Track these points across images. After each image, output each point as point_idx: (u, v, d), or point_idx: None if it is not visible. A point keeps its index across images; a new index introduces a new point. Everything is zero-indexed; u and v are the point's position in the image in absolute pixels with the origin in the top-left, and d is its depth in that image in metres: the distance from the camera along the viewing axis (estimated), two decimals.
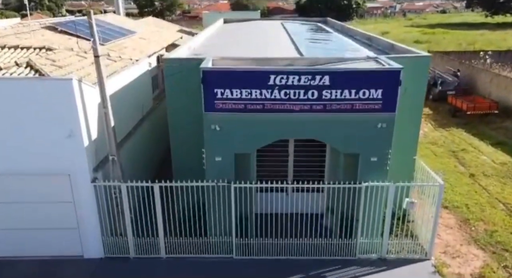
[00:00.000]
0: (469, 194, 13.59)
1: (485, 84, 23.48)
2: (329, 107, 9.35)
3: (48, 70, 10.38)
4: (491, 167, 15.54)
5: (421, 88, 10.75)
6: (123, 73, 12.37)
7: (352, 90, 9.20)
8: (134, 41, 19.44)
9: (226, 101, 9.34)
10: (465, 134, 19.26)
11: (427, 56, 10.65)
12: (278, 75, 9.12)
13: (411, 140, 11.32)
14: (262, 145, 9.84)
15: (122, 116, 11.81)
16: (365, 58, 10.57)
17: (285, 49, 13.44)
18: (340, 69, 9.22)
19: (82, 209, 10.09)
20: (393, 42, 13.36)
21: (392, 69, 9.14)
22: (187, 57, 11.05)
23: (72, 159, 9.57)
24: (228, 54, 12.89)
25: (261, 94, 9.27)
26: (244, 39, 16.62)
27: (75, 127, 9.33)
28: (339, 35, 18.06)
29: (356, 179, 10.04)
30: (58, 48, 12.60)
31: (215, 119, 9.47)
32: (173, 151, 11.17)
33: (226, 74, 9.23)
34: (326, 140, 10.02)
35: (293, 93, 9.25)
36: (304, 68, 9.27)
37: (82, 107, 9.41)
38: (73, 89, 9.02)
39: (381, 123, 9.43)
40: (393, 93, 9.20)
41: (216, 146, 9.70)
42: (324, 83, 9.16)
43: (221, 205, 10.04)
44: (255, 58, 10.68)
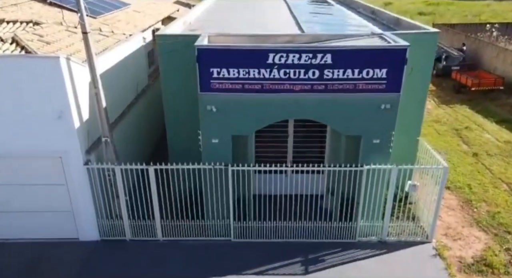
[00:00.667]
0: (472, 174, 13.32)
1: (491, 59, 22.84)
2: (330, 87, 8.90)
3: (35, 47, 9.85)
4: (495, 146, 15.21)
5: (427, 66, 10.28)
6: (115, 49, 11.82)
7: (355, 69, 8.73)
8: (128, 14, 18.70)
9: (222, 81, 8.89)
10: (469, 111, 18.84)
11: (435, 32, 10.11)
12: (277, 53, 8.63)
13: (415, 120, 10.94)
14: (261, 127, 9.46)
15: (115, 95, 11.38)
16: (369, 34, 10.03)
17: (286, 25, 12.83)
18: (343, 47, 8.72)
19: (76, 192, 9.82)
20: (398, 16, 12.74)
21: (398, 46, 8.64)
22: (182, 34, 10.50)
23: (63, 141, 9.22)
24: (226, 29, 12.37)
25: (260, 73, 8.81)
26: (243, 13, 15.91)
27: (64, 108, 8.92)
28: (342, 8, 17.32)
29: (357, 161, 9.73)
30: (46, 23, 12.01)
31: (211, 100, 9.04)
32: (169, 132, 10.81)
33: (223, 53, 8.73)
34: (327, 121, 9.62)
35: (293, 73, 8.79)
36: (305, 46, 8.77)
37: (72, 87, 8.97)
38: (61, 67, 8.55)
39: (385, 104, 9.01)
40: (399, 73, 8.74)
41: (213, 127, 9.32)
42: (326, 62, 8.67)
43: (218, 188, 9.76)
44: (254, 34, 10.14)
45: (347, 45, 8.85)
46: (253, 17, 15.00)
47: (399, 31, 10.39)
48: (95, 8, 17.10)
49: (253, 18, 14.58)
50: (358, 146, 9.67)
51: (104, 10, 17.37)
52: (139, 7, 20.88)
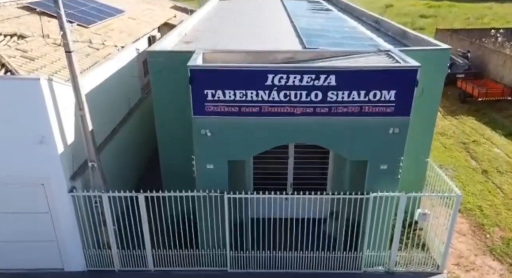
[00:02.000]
0: (482, 194, 12.63)
1: (497, 67, 22.14)
2: (334, 110, 8.21)
3: (16, 64, 9.15)
4: (505, 162, 14.52)
5: (438, 85, 9.60)
6: (105, 64, 11.12)
7: (361, 91, 8.04)
8: (122, 22, 18.01)
9: (217, 104, 8.19)
10: (476, 123, 18.15)
11: (447, 49, 9.43)
12: (277, 74, 7.94)
13: (424, 140, 10.26)
14: (259, 152, 8.76)
15: (105, 113, 10.72)
16: (376, 51, 9.34)
17: (285, 36, 12.15)
18: (348, 68, 8.03)
19: (60, 220, 9.14)
20: (405, 28, 12.05)
21: (408, 67, 7.94)
22: (174, 50, 9.80)
23: (45, 167, 8.53)
24: (223, 42, 11.71)
25: (258, 95, 8.11)
26: (240, 22, 15.21)
27: (46, 133, 8.23)
28: (344, 16, 16.65)
29: (363, 185, 9.04)
30: (31, 36, 11.31)
31: (206, 124, 8.35)
32: (161, 152, 10.13)
33: (218, 73, 8.03)
34: (330, 146, 8.93)
35: (294, 95, 8.10)
36: (307, 66, 8.08)
37: (54, 110, 8.28)
38: (42, 89, 7.86)
39: (393, 128, 8.32)
40: (408, 95, 8.05)
41: (207, 152, 8.63)
42: (329, 83, 7.98)
43: (213, 216, 9.07)
44: (252, 51, 9.45)
45: (353, 65, 8.15)
46: (251, 27, 14.31)
47: (407, 48, 9.70)
48: (88, 16, 16.43)
49: (252, 28, 13.88)
50: (364, 170, 8.98)
51: (97, 18, 16.68)
52: (134, 14, 20.19)
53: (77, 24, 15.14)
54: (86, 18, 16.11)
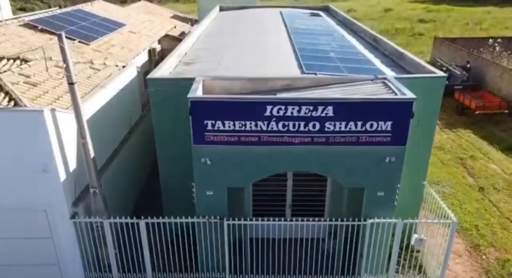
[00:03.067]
0: (479, 213, 12.78)
1: (494, 78, 22.30)
2: (332, 139, 8.37)
3: (20, 91, 9.29)
4: (501, 178, 14.68)
5: (434, 111, 9.74)
6: (107, 87, 11.26)
7: (358, 122, 8.20)
8: (123, 36, 18.19)
9: (217, 134, 8.35)
10: (473, 136, 18.30)
11: (442, 77, 9.57)
12: (275, 106, 8.10)
13: (421, 164, 10.38)
14: (258, 179, 8.92)
15: (106, 136, 10.87)
16: (373, 78, 9.50)
17: (285, 57, 12.29)
18: (345, 100, 8.18)
19: (62, 245, 9.30)
20: (402, 50, 12.22)
21: (404, 100, 8.10)
22: (174, 78, 9.94)
23: (48, 195, 8.71)
24: (223, 62, 11.86)
25: (257, 125, 8.27)
26: (239, 39, 15.33)
27: (49, 161, 8.40)
28: (343, 33, 16.82)
29: (360, 209, 9.21)
30: (34, 59, 11.44)
31: (206, 153, 8.51)
32: (162, 178, 10.28)
33: (217, 105, 8.19)
34: (328, 173, 9.10)
35: (292, 125, 8.26)
36: (305, 98, 8.24)
37: (57, 139, 8.45)
38: (45, 121, 8.03)
39: (390, 157, 8.48)
40: (404, 126, 8.21)
41: (207, 180, 8.79)
42: (327, 114, 8.14)
43: (213, 241, 9.23)
44: (251, 78, 9.60)
45: (350, 97, 8.30)
46: (250, 44, 14.41)
47: (404, 75, 9.85)
48: (89, 32, 16.59)
49: (251, 45, 13.97)
50: (361, 195, 9.15)
51: (98, 34, 16.83)
52: (134, 27, 20.35)
53: (78, 41, 15.40)
54: (87, 34, 16.27)
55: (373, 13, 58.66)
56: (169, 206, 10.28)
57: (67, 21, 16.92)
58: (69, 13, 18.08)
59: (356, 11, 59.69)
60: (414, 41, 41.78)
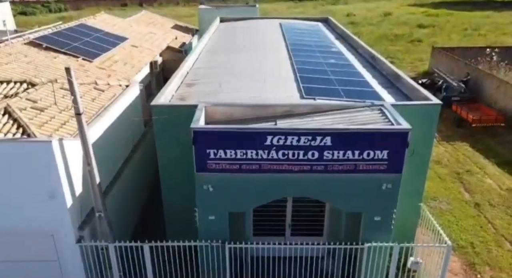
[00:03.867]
0: (475, 230, 13.07)
1: (491, 90, 22.59)
2: (330, 167, 8.67)
3: (27, 118, 9.59)
4: (497, 194, 14.96)
5: (429, 137, 10.03)
6: (111, 109, 11.53)
7: (355, 151, 8.51)
8: (125, 51, 18.49)
9: (219, 162, 8.65)
10: (470, 150, 18.58)
11: (437, 104, 9.86)
12: (275, 136, 8.40)
13: (417, 185, 10.66)
14: (258, 204, 9.22)
15: (110, 158, 11.15)
16: (370, 105, 9.79)
17: (284, 79, 12.55)
18: (343, 130, 8.48)
19: (68, 268, 9.59)
20: (399, 71, 12.51)
21: (399, 130, 8.41)
22: (177, 105, 10.23)
23: (55, 220, 8.99)
24: (223, 83, 12.12)
25: (258, 154, 8.58)
26: (240, 59, 15.39)
27: (57, 189, 8.69)
28: (342, 49, 17.13)
29: (358, 231, 9.50)
30: (40, 82, 11.71)
31: (208, 180, 8.81)
32: (165, 201, 10.56)
33: (219, 135, 8.50)
34: (326, 199, 9.40)
35: (292, 154, 8.56)
36: (304, 128, 8.53)
37: (64, 166, 8.74)
38: (53, 151, 8.32)
39: (386, 184, 8.78)
40: (400, 155, 8.51)
41: (209, 205, 9.08)
42: (325, 143, 8.45)
43: (215, 263, 9.52)
44: (251, 105, 9.90)
45: (347, 127, 8.60)
46: (251, 67, 14.21)
47: (400, 102, 10.14)
48: (92, 48, 16.88)
49: (251, 68, 13.98)
50: (359, 218, 9.44)
51: (101, 49, 17.13)
52: (136, 40, 20.64)
53: (82, 59, 15.70)
54: (90, 51, 16.57)
55: (373, 18, 58.84)
56: (171, 229, 10.56)
57: (70, 37, 17.21)
58: (72, 29, 18.38)
59: (355, 15, 59.97)
60: (413, 48, 42.05)
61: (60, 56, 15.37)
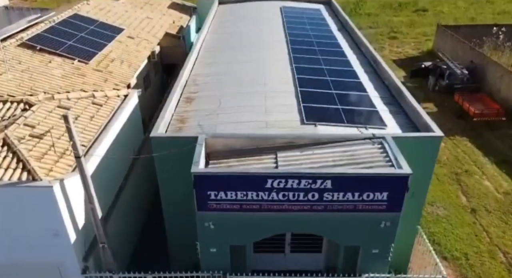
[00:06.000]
0: (470, 239, 13.38)
1: (494, 79, 22.24)
2: (330, 207, 8.76)
3: (27, 150, 9.55)
4: (493, 198, 15.17)
5: (429, 167, 10.02)
6: (111, 128, 11.44)
7: (355, 193, 8.56)
8: (121, 45, 18.01)
9: (220, 202, 8.73)
10: (470, 146, 18.60)
11: (438, 137, 9.76)
12: (276, 179, 8.42)
13: (415, 208, 10.77)
14: (259, 239, 9.39)
15: (110, 177, 11.20)
16: (371, 137, 9.71)
17: (285, 98, 12.24)
18: (343, 174, 8.47)
19: None
20: (401, 86, 12.28)
21: (400, 175, 8.41)
22: (177, 136, 10.10)
23: (60, 255, 9.21)
24: (222, 102, 11.94)
25: (258, 195, 8.64)
26: (239, 65, 14.82)
27: (60, 228, 8.84)
28: (343, 45, 16.69)
29: (356, 258, 9.77)
30: (37, 100, 11.52)
31: (209, 218, 8.93)
32: (168, 229, 10.73)
33: (220, 178, 8.51)
34: (325, 235, 9.58)
35: (292, 195, 8.62)
36: (304, 173, 8.51)
37: (66, 206, 8.83)
38: (55, 196, 8.38)
39: (385, 221, 8.91)
40: (400, 197, 8.58)
41: (211, 239, 9.26)
42: (325, 186, 8.48)
43: None
44: (252, 136, 9.81)
45: (348, 172, 8.58)
46: (250, 77, 13.72)
47: (401, 134, 10.03)
48: (87, 46, 16.44)
49: (251, 79, 13.50)
50: (357, 248, 9.65)
51: (97, 47, 16.68)
52: (132, 29, 20.04)
53: (78, 61, 15.33)
54: (86, 50, 16.13)
55: None
56: (175, 257, 10.82)
57: (65, 34, 16.69)
58: (66, 22, 17.77)
59: None
60: (418, 19, 40.87)
61: (55, 58, 15.00)
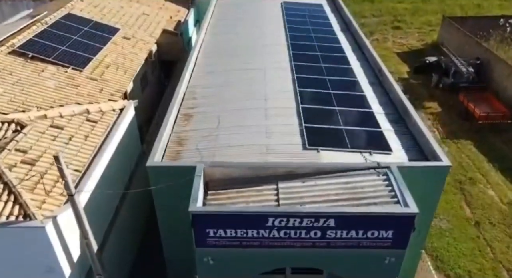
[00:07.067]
0: (473, 254, 13.20)
1: (501, 77, 21.68)
2: (333, 244, 8.48)
3: (18, 179, 9.21)
4: (497, 210, 14.93)
5: (435, 196, 9.72)
6: (108, 148, 11.08)
7: (359, 230, 8.26)
8: (117, 47, 17.42)
9: (219, 239, 8.44)
10: (474, 150, 18.24)
11: (446, 167, 9.41)
12: (277, 217, 8.11)
13: (420, 235, 10.52)
14: (258, 273, 9.14)
15: (107, 199, 10.89)
16: (376, 166, 9.35)
17: (286, 109, 11.90)
18: (347, 213, 8.15)
19: None
20: (405, 101, 11.83)
21: (406, 214, 8.09)
22: (174, 165, 9.71)
23: None
24: (222, 121, 11.53)
25: (258, 233, 8.35)
26: (238, 74, 14.27)
27: (54, 264, 8.58)
28: (347, 50, 16.13)
29: None
30: (29, 120, 11.10)
31: (208, 253, 8.66)
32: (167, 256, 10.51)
33: (219, 217, 8.19)
34: (328, 269, 9.30)
35: (294, 233, 8.32)
36: (306, 212, 8.18)
37: (60, 243, 8.55)
38: (48, 235, 8.09)
39: (390, 257, 8.65)
40: (405, 235, 8.28)
41: (210, 273, 9.01)
42: (328, 224, 8.18)
43: None
44: (252, 166, 9.44)
45: (352, 211, 8.25)
46: (250, 90, 13.17)
47: (407, 163, 9.65)
48: (82, 51, 15.88)
49: (251, 92, 12.97)
50: None
51: (91, 51, 16.11)
52: (128, 28, 19.37)
53: (72, 68, 14.79)
54: (80, 56, 15.58)
55: None
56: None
57: (57, 38, 16.08)
58: (59, 24, 17.10)
59: None
60: (422, 6, 39.79)
61: (48, 67, 14.46)
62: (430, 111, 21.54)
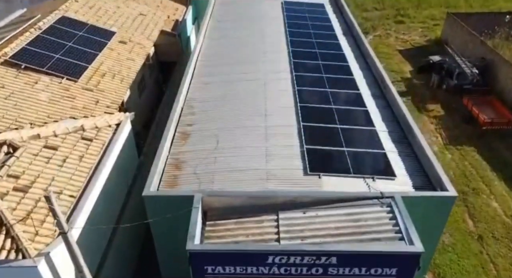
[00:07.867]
0: (476, 271, 13.02)
1: (506, 79, 21.23)
2: None
3: (10, 208, 8.95)
4: (501, 223, 14.70)
5: (439, 225, 9.46)
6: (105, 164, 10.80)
7: (362, 268, 8.02)
8: (113, 53, 16.95)
9: (217, 275, 8.20)
10: (478, 157, 17.93)
11: (452, 197, 9.12)
12: (277, 255, 7.86)
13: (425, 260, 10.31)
14: None
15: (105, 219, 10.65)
16: (379, 197, 9.06)
17: (287, 127, 11.57)
18: (350, 252, 7.89)
19: None
20: (407, 114, 11.48)
21: (411, 253, 7.82)
22: (172, 195, 9.40)
23: None
24: (220, 141, 11.21)
25: (258, 270, 8.11)
26: (237, 86, 13.75)
27: None
28: (349, 57, 15.68)
29: None
30: (21, 141, 10.76)
31: None
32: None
33: (217, 255, 7.93)
34: None
35: (295, 270, 8.08)
36: (308, 250, 7.91)
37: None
38: (40, 274, 7.84)
39: None
40: (409, 273, 8.03)
41: None
42: (330, 262, 7.93)
43: None
44: (252, 195, 9.15)
45: (355, 249, 7.98)
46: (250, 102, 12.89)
47: (412, 194, 9.34)
48: (76, 59, 15.43)
49: (250, 109, 12.57)
50: None
51: (86, 59, 15.66)
52: (125, 31, 18.84)
53: (67, 78, 14.38)
54: (75, 65, 15.15)
55: None
56: None
57: (52, 45, 15.62)
58: (53, 29, 16.58)
59: None
60: None
61: (42, 78, 14.05)
62: (433, 115, 21.15)
